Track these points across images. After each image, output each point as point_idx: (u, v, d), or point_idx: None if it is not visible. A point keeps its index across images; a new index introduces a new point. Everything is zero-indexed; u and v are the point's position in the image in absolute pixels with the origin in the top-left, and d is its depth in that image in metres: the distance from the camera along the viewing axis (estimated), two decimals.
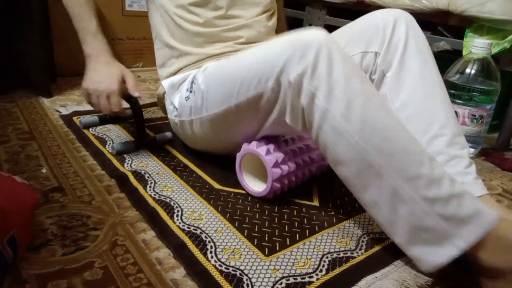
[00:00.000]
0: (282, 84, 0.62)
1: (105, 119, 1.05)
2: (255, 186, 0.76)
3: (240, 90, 0.69)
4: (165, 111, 0.95)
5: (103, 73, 0.82)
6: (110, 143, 0.94)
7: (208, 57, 0.85)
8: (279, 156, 0.73)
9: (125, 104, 0.87)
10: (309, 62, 0.58)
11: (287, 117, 0.65)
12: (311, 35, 0.61)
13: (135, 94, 0.84)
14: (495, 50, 1.02)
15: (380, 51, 0.77)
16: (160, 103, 0.98)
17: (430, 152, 0.64)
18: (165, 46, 0.89)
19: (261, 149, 0.72)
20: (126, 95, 0.85)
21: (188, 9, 0.84)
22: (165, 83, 0.88)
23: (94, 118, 1.03)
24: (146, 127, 1.05)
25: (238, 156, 0.78)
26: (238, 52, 0.80)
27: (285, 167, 0.73)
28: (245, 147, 0.76)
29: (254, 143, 0.75)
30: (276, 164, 0.72)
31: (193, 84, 0.80)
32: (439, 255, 0.55)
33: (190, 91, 0.80)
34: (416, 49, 0.75)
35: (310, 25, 1.61)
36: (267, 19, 0.92)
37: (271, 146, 0.74)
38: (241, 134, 0.77)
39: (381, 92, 0.77)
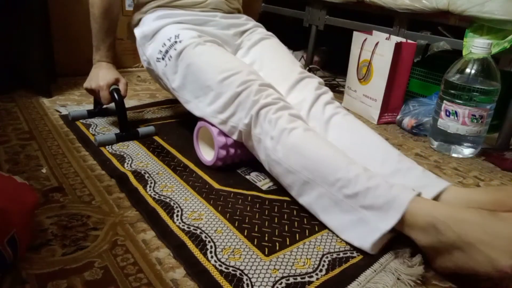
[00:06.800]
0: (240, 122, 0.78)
1: (93, 113, 1.10)
2: (207, 155, 0.86)
3: (204, 98, 0.84)
4: (132, 39, 1.04)
5: (99, 74, 0.98)
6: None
7: None
8: None
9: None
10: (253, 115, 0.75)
11: (236, 137, 0.81)
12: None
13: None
14: (495, 50, 1.02)
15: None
16: (128, 30, 1.06)
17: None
18: None
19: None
20: (110, 91, 0.96)
21: None
22: (137, 32, 0.99)
23: (82, 111, 1.09)
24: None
25: (195, 129, 0.89)
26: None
27: (230, 138, 0.82)
28: (200, 122, 0.88)
29: None
30: (221, 134, 0.82)
31: (166, 55, 0.90)
32: (368, 237, 0.62)
33: (163, 59, 0.91)
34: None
35: (310, 25, 1.61)
36: None
37: None
38: None
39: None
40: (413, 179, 0.69)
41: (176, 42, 0.89)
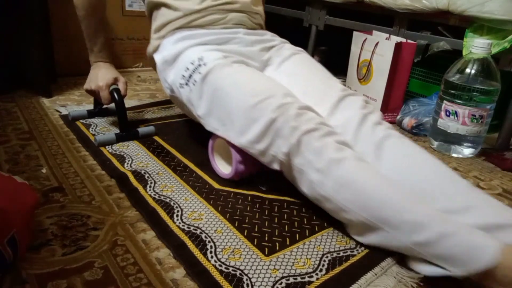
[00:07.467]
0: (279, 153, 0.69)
1: (93, 113, 1.10)
2: (224, 168, 0.82)
3: (232, 123, 0.75)
4: (152, 66, 0.99)
5: (98, 75, 0.98)
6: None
7: (191, 14, 0.89)
8: None
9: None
10: (293, 143, 0.66)
11: (275, 166, 0.72)
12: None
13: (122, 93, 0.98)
14: (495, 50, 1.02)
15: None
16: (151, 62, 0.99)
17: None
18: (157, 3, 0.93)
19: None
20: (110, 91, 0.97)
21: None
22: (158, 58, 0.91)
23: (82, 111, 1.09)
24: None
25: (210, 141, 0.85)
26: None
27: (247, 154, 0.76)
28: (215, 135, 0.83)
29: None
30: (240, 149, 0.76)
31: (190, 79, 0.82)
32: (433, 272, 0.56)
33: (186, 84, 0.83)
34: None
35: (310, 25, 1.61)
36: None
37: None
38: None
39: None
40: (491, 217, 0.59)
41: (200, 65, 0.81)
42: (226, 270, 0.57)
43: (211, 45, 0.87)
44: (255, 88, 0.74)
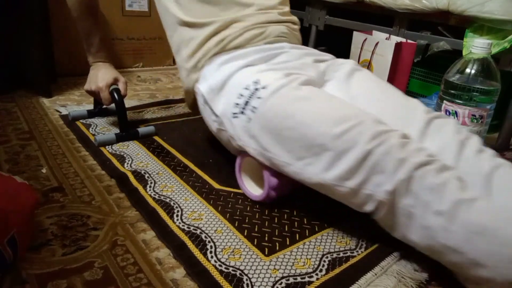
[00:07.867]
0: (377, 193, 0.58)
1: (93, 113, 1.10)
2: (253, 189, 0.76)
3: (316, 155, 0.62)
4: (192, 108, 0.89)
5: (98, 75, 0.98)
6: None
7: (231, 24, 0.81)
8: None
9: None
10: (401, 179, 0.55)
11: (369, 208, 0.60)
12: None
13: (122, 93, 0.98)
14: (495, 50, 1.02)
15: None
16: (187, 98, 0.88)
17: None
18: (179, 25, 0.83)
19: None
20: (110, 91, 0.97)
21: None
22: (203, 88, 0.78)
23: (82, 111, 1.09)
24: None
25: (238, 159, 0.78)
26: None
27: (283, 176, 0.69)
28: (243, 154, 0.76)
29: None
30: (274, 173, 0.70)
31: (246, 107, 0.70)
32: None
33: (242, 113, 0.70)
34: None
35: (310, 25, 1.61)
36: None
37: None
38: None
39: None
40: None
41: (257, 89, 0.69)
42: (226, 270, 0.57)
43: (260, 64, 0.77)
44: (336, 114, 0.63)
